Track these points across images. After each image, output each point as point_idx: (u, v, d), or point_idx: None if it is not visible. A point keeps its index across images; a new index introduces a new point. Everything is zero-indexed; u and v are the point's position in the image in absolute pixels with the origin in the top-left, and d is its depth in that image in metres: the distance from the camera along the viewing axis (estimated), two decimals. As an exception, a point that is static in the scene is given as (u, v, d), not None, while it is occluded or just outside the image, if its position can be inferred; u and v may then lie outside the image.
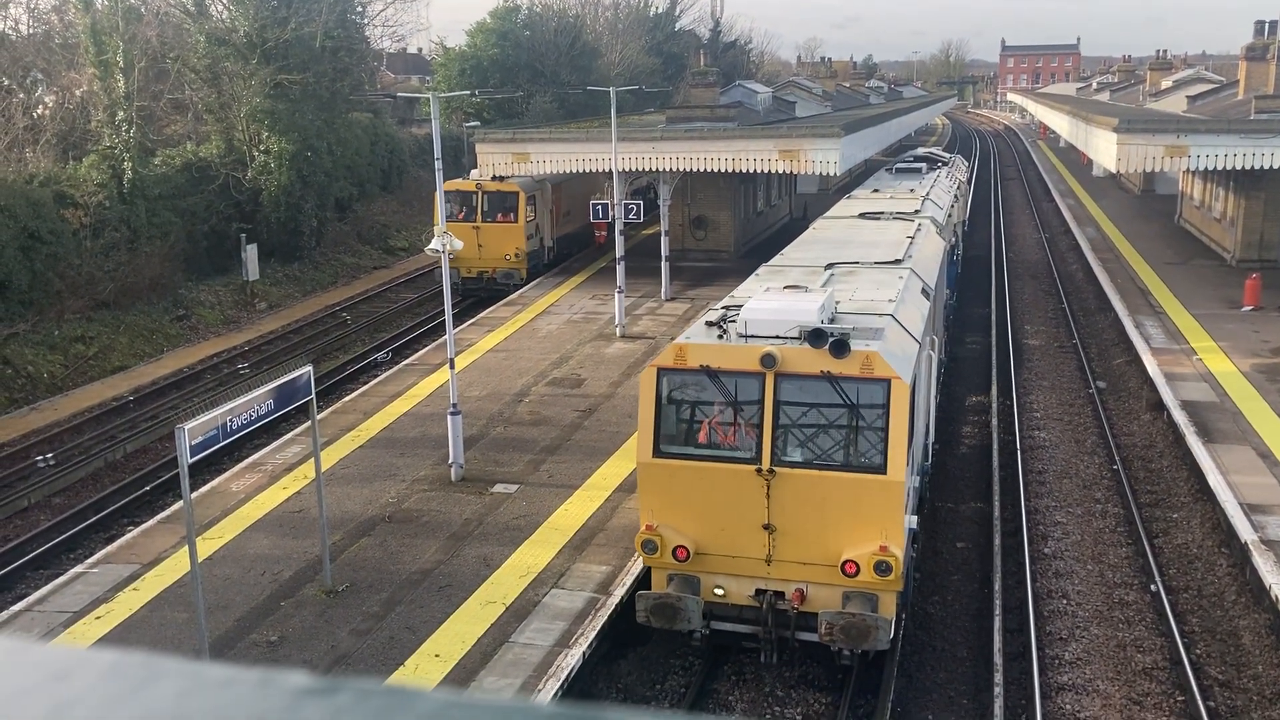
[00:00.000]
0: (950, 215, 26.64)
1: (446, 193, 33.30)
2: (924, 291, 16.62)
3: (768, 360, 12.19)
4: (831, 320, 13.21)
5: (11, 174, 28.78)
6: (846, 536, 12.15)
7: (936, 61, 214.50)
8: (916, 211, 23.09)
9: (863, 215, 22.91)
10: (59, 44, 37.37)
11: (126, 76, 32.24)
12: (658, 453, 12.75)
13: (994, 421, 22.70)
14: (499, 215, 34.49)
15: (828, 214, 24.12)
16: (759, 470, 12.34)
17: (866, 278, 16.26)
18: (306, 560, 15.40)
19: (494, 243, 34.19)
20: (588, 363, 25.62)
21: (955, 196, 30.20)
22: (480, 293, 34.35)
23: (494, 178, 33.98)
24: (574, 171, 34.00)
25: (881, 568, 11.95)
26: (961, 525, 18.11)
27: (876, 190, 28.16)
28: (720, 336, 12.82)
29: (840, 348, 11.94)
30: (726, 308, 14.19)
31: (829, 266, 16.94)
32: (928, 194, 26.34)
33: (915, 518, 13.31)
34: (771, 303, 13.27)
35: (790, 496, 12.32)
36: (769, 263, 18.17)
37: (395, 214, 47.87)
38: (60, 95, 35.91)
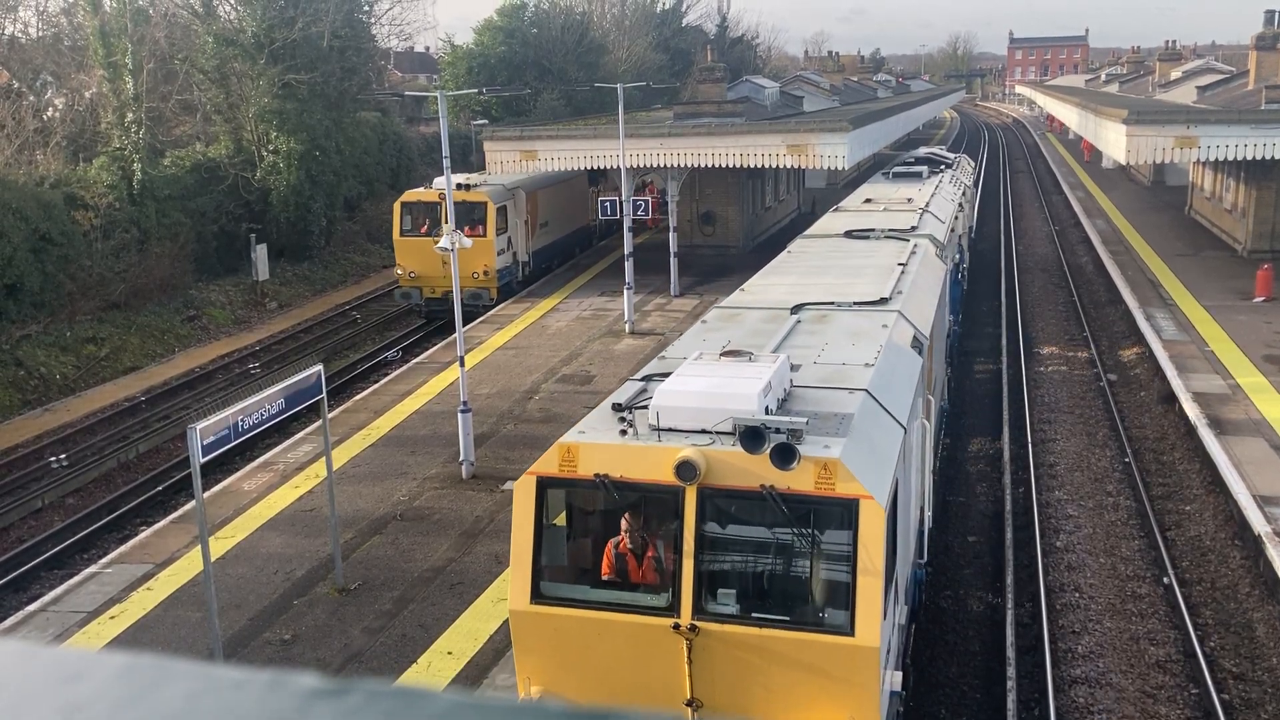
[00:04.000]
0: (953, 230, 23.81)
1: (407, 204, 31.78)
2: (915, 342, 13.33)
3: (686, 471, 8.70)
4: (781, 403, 9.83)
5: (22, 176, 28.90)
6: (800, 718, 8.90)
7: (944, 54, 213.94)
8: (913, 228, 20.18)
9: (849, 234, 19.81)
10: (68, 46, 37.53)
11: (135, 78, 32.35)
12: (537, 597, 9.29)
13: (1005, 414, 22.64)
14: (465, 228, 31.45)
15: (809, 232, 21.14)
16: (676, 625, 8.89)
17: (841, 326, 12.99)
18: (319, 559, 15.45)
19: (460, 259, 31.94)
20: (597, 359, 25.64)
21: (960, 205, 27.39)
22: (445, 316, 30.04)
23: (459, 186, 30.78)
24: (575, 169, 33.58)
25: None
26: (973, 519, 18.08)
27: (869, 200, 24.85)
28: (624, 432, 9.28)
29: (785, 455, 8.48)
30: (647, 378, 10.76)
31: (796, 310, 13.74)
32: (927, 205, 23.45)
33: (899, 674, 9.81)
34: (697, 380, 9.65)
35: (720, 662, 8.93)
36: (722, 303, 14.91)
37: (404, 212, 47.88)
38: (70, 97, 36.05)
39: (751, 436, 8.59)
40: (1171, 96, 52.79)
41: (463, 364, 18.89)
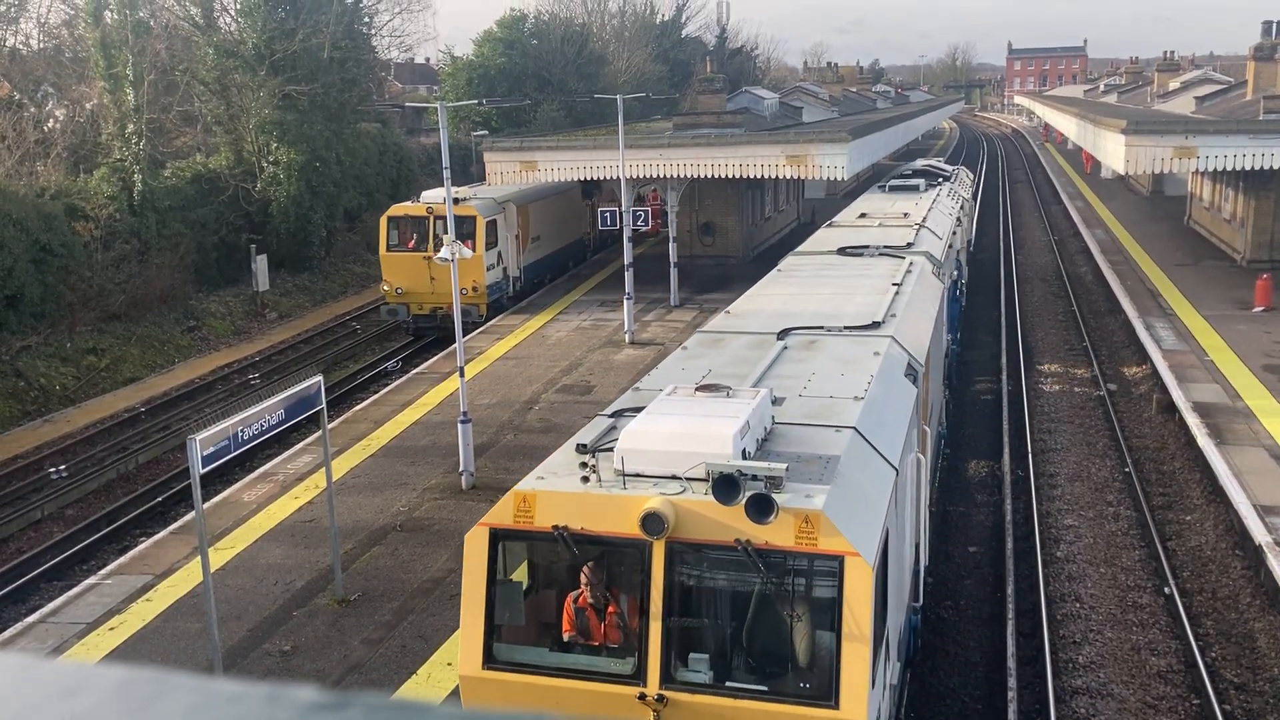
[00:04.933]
0: (951, 245, 23.03)
1: (393, 218, 30.73)
2: (909, 370, 12.52)
3: (652, 523, 7.94)
4: (761, 444, 9.07)
5: (23, 188, 28.94)
6: None
7: (943, 65, 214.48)
8: (909, 245, 19.52)
9: (842, 251, 19.12)
10: (69, 58, 37.62)
11: (136, 89, 32.42)
12: (490, 661, 8.51)
13: (1005, 425, 22.63)
14: None
15: (800, 248, 20.44)
16: (643, 695, 8.13)
17: (830, 354, 12.23)
18: (318, 570, 15.43)
19: (448, 275, 29.89)
20: (597, 369, 25.64)
21: (958, 219, 26.65)
22: (433, 332, 30.42)
23: None
24: (573, 180, 33.39)
25: None
26: (973, 530, 18.06)
27: (864, 215, 24.02)
28: (586, 479, 8.43)
29: (762, 507, 7.68)
30: (617, 414, 10.04)
31: (782, 335, 13.02)
32: (924, 220, 22.69)
33: None
34: (668, 420, 8.84)
35: None
36: (705, 328, 14.21)
37: (404, 223, 47.90)
38: (71, 109, 36.12)
39: (725, 486, 7.74)
40: (1170, 107, 52.90)
41: (462, 374, 18.88)
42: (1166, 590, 15.34)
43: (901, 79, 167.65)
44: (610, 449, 8.72)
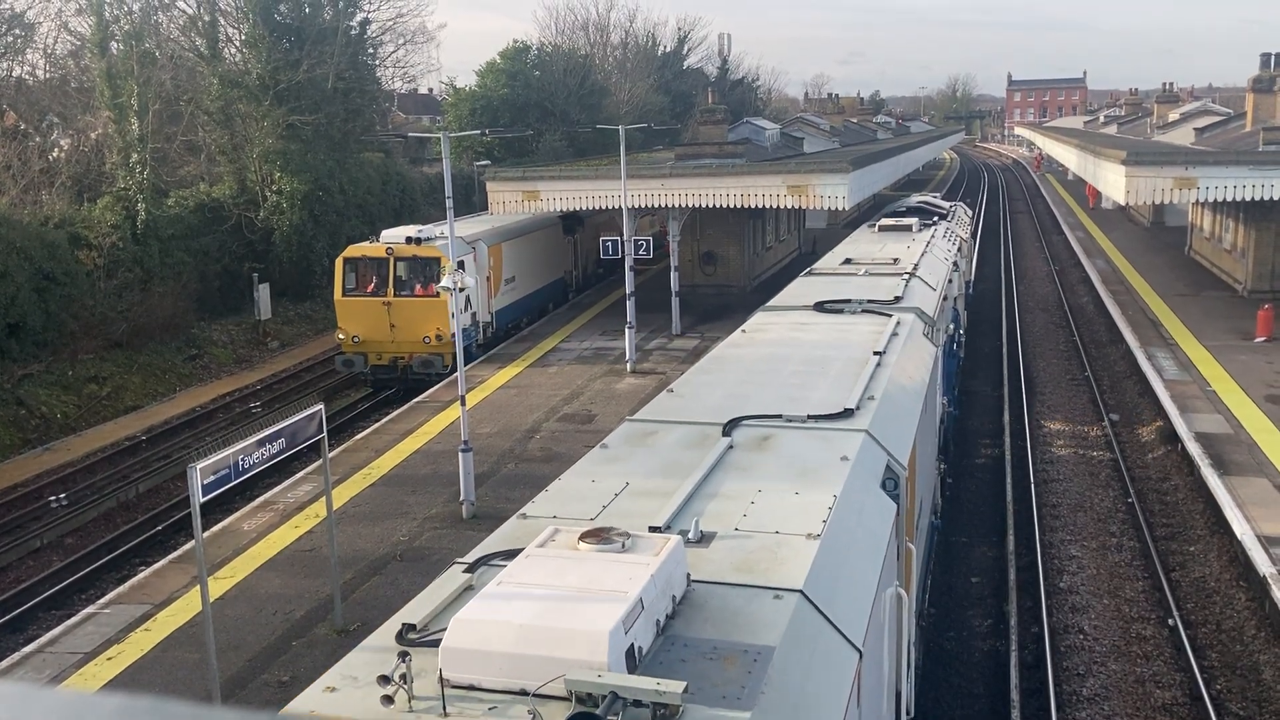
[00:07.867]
0: (947, 296, 20.37)
1: (350, 260, 28.26)
2: (889, 476, 9.51)
3: None
4: (663, 628, 5.99)
5: (27, 216, 29.07)
6: None
7: (943, 96, 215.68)
8: (897, 299, 16.63)
9: (820, 306, 16.20)
10: (75, 88, 37.87)
11: (141, 119, 32.63)
12: None
13: (1007, 456, 22.59)
14: (416, 287, 27.67)
15: (772, 303, 17.41)
16: None
17: (786, 457, 9.24)
18: (318, 599, 15.36)
19: (410, 322, 27.49)
20: (598, 398, 25.63)
21: (955, 264, 24.06)
22: (393, 384, 28.47)
23: (409, 240, 27.84)
24: (556, 214, 33.14)
25: None
26: (975, 560, 17.98)
27: (849, 261, 21.26)
28: (389, 698, 5.26)
29: None
30: (481, 562, 7.28)
31: (730, 427, 9.96)
32: (915, 267, 19.89)
33: None
34: (521, 599, 5.76)
35: None
36: (637, 415, 10.87)
37: (406, 252, 48.01)
38: (76, 138, 36.34)
39: None
40: (1170, 138, 53.15)
41: (464, 403, 18.88)
42: (1171, 622, 15.25)
43: (902, 110, 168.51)
44: (438, 639, 5.72)
